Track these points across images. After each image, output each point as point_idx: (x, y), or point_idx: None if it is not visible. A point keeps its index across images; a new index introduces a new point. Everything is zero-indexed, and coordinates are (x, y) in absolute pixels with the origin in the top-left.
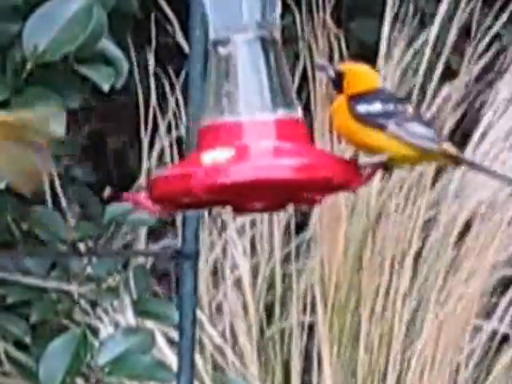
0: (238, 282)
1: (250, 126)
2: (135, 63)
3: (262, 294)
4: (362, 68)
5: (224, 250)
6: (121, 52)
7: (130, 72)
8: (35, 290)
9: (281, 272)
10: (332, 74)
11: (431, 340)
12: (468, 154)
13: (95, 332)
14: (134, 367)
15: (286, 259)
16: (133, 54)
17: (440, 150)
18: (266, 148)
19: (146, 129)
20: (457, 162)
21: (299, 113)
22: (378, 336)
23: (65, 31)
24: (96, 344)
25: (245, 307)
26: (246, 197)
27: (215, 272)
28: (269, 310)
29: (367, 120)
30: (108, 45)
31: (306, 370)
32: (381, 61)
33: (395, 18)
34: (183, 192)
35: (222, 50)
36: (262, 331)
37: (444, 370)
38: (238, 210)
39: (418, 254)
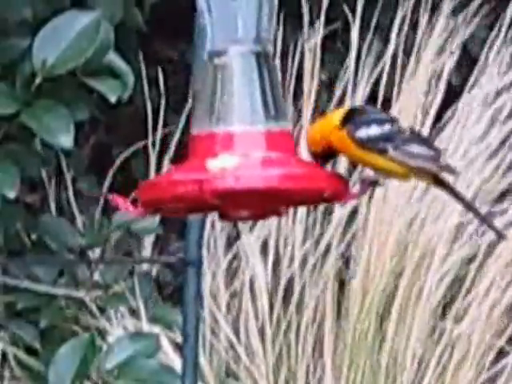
0: (253, 284)
1: (243, 136)
2: (143, 76)
3: (279, 297)
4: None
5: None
6: (127, 65)
7: (136, 84)
8: (44, 297)
9: (299, 275)
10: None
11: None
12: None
13: (103, 336)
14: (141, 371)
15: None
16: (138, 66)
17: (438, 170)
18: (271, 159)
19: (150, 139)
20: (443, 185)
21: (290, 126)
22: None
23: (73, 46)
24: (104, 348)
25: (261, 308)
26: (237, 204)
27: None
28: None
29: (368, 145)
30: (115, 58)
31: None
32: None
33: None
34: (191, 196)
35: (217, 61)
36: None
37: None
38: (224, 216)
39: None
